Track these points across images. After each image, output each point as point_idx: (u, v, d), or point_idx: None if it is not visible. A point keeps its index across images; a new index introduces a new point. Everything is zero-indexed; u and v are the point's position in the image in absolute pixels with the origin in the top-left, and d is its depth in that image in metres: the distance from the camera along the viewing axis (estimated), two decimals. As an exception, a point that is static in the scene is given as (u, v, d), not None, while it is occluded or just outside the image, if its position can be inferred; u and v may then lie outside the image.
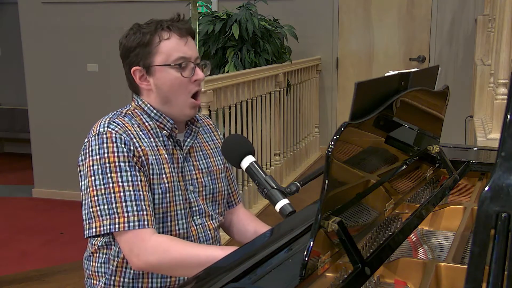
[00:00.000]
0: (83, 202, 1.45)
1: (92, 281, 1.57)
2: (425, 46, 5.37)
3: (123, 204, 1.39)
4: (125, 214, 1.38)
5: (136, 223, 1.38)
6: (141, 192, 1.41)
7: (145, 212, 1.40)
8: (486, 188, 0.67)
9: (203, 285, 1.01)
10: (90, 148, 1.44)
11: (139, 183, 1.42)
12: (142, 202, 1.41)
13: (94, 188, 1.41)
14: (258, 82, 4.25)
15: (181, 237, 1.53)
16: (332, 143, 0.96)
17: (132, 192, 1.40)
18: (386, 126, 1.26)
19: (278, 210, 1.29)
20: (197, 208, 1.57)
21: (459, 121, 4.26)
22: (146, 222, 1.40)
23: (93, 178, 1.41)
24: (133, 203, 1.39)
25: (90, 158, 1.43)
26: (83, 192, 1.45)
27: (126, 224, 1.38)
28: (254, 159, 1.35)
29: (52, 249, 4.26)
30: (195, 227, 1.56)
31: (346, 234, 1.03)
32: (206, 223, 1.59)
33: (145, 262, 1.38)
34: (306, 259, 0.97)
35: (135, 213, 1.39)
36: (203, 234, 1.57)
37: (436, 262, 1.23)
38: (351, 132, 1.04)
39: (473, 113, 3.40)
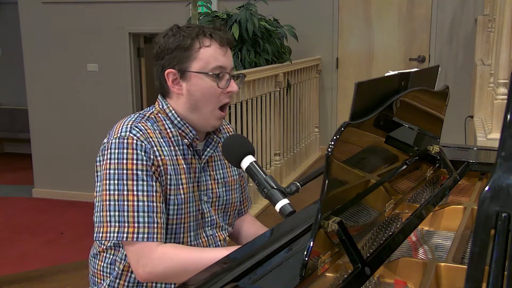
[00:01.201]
0: (96, 204, 1.43)
1: (96, 279, 1.57)
2: (425, 46, 5.37)
3: (135, 214, 1.37)
4: (136, 225, 1.37)
5: (145, 235, 1.37)
6: (154, 204, 1.39)
7: (155, 225, 1.38)
8: (486, 188, 0.67)
9: (203, 285, 1.01)
10: (109, 151, 1.41)
11: (154, 193, 1.40)
12: (154, 214, 1.39)
13: (108, 192, 1.39)
14: (258, 82, 4.24)
15: None
16: (332, 143, 0.96)
17: (145, 203, 1.38)
18: (386, 126, 1.26)
19: (278, 210, 1.29)
20: (209, 219, 1.56)
21: (459, 121, 4.26)
22: (155, 235, 1.38)
23: (108, 182, 1.39)
24: (145, 214, 1.38)
25: (108, 161, 1.40)
26: (97, 194, 1.43)
27: (135, 235, 1.36)
28: (254, 159, 1.35)
29: (52, 249, 4.26)
30: (205, 238, 1.55)
31: (346, 234, 1.03)
32: (216, 234, 1.58)
33: (150, 273, 1.38)
34: (306, 259, 0.97)
35: (146, 224, 1.37)
36: (214, 246, 1.56)
37: (436, 262, 1.23)
38: (351, 132, 1.04)
39: (473, 113, 3.40)
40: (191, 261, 1.36)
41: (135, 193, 1.38)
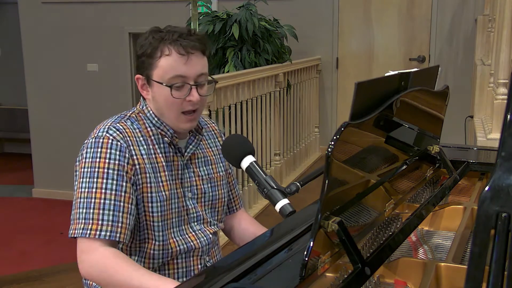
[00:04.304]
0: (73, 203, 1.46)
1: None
2: (425, 46, 5.37)
3: (100, 211, 1.38)
4: (100, 222, 1.37)
5: (108, 233, 1.37)
6: (122, 203, 1.40)
7: (120, 224, 1.39)
8: (486, 188, 0.67)
9: (203, 285, 1.01)
10: (85, 150, 1.45)
11: (123, 194, 1.41)
12: (120, 214, 1.40)
13: (80, 190, 1.42)
14: (258, 82, 4.25)
15: (179, 244, 1.52)
16: (332, 143, 0.97)
17: (112, 202, 1.39)
18: (386, 126, 1.26)
19: (278, 210, 1.29)
20: (195, 214, 1.57)
21: (459, 121, 4.26)
22: (118, 235, 1.38)
23: (81, 180, 1.42)
24: (111, 212, 1.39)
25: (84, 160, 1.44)
26: (74, 193, 1.45)
27: (98, 232, 1.37)
28: (254, 159, 1.35)
29: (52, 249, 4.26)
30: (193, 233, 1.55)
31: (346, 234, 1.03)
32: (205, 229, 1.58)
33: (85, 270, 1.37)
34: (306, 259, 0.97)
35: (110, 223, 1.38)
36: (204, 238, 1.56)
37: (436, 262, 1.23)
38: (351, 132, 1.04)
39: (473, 113, 3.40)
40: (120, 276, 1.33)
41: (103, 191, 1.40)
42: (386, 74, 1.32)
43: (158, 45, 1.46)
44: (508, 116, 0.69)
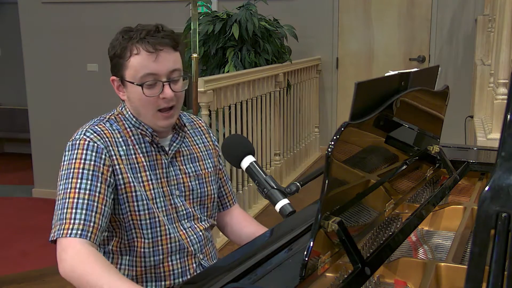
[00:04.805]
0: None
1: None
2: (425, 46, 5.37)
3: (73, 210, 1.37)
4: (72, 221, 1.36)
5: (79, 232, 1.35)
6: (95, 204, 1.39)
7: (91, 224, 1.37)
8: (486, 188, 0.67)
9: (203, 285, 1.01)
10: (64, 154, 1.47)
11: (97, 194, 1.40)
12: (93, 214, 1.38)
13: (58, 193, 1.42)
14: (258, 82, 4.24)
15: (172, 241, 1.51)
16: (332, 143, 0.97)
17: (85, 201, 1.38)
18: (386, 126, 1.26)
19: (278, 210, 1.29)
20: (184, 212, 1.56)
21: (459, 121, 4.26)
22: (88, 234, 1.36)
23: (59, 183, 1.43)
24: (83, 211, 1.37)
25: (62, 163, 1.45)
26: None
27: (69, 231, 1.35)
28: (254, 159, 1.36)
29: (52, 249, 4.25)
30: (184, 231, 1.55)
31: (346, 234, 1.03)
32: (195, 226, 1.58)
33: (63, 268, 1.34)
34: (306, 259, 0.97)
35: (82, 222, 1.36)
36: (194, 236, 1.56)
37: (436, 262, 1.23)
38: (351, 132, 1.04)
39: (473, 113, 3.40)
40: (95, 276, 1.28)
41: (77, 190, 1.39)
42: (386, 74, 1.32)
43: (127, 45, 1.47)
44: (508, 116, 0.69)
